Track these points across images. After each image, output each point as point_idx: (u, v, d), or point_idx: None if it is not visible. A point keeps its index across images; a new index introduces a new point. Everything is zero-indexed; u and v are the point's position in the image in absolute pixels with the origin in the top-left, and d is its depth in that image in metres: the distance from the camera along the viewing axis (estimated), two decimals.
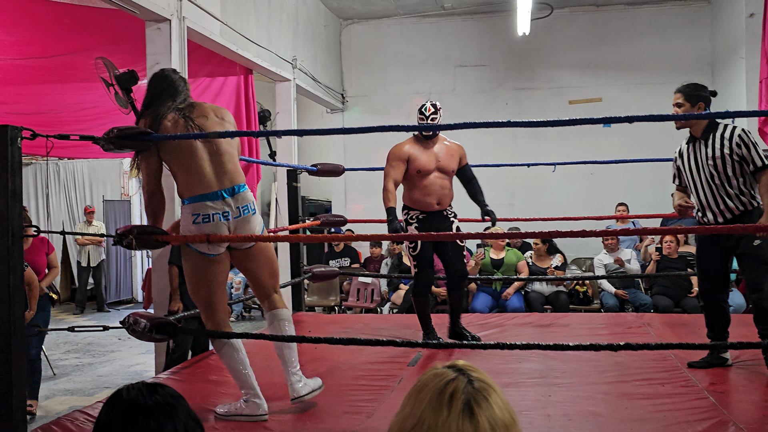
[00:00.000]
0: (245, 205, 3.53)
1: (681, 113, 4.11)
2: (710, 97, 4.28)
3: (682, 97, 4.25)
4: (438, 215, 5.13)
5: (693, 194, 4.28)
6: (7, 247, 3.30)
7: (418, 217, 5.10)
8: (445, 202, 5.17)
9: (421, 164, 5.03)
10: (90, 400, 6.23)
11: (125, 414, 1.51)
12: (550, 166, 6.97)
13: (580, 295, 8.22)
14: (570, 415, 3.55)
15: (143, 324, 3.55)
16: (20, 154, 3.39)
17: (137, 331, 3.58)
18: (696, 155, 4.22)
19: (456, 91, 10.94)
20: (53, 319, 11.03)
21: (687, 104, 4.22)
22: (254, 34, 7.50)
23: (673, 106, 4.29)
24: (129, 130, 3.50)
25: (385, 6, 10.51)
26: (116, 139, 3.47)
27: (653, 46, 10.34)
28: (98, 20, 6.13)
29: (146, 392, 1.54)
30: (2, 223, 3.31)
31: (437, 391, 1.28)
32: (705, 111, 4.15)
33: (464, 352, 4.78)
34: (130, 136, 3.48)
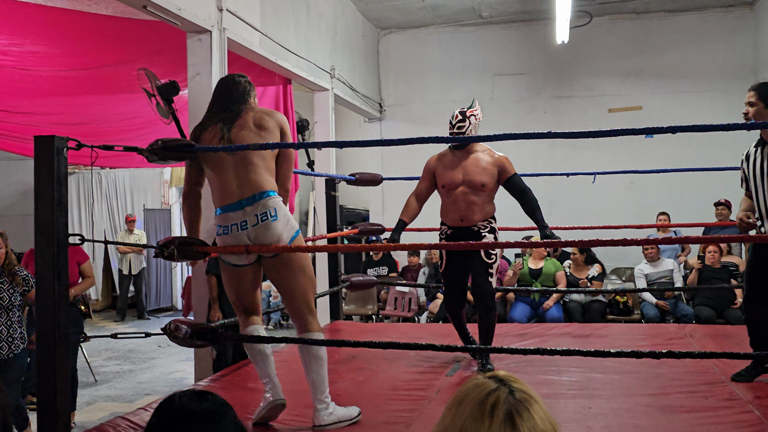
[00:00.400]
0: (264, 212, 3.43)
1: (753, 111, 4.02)
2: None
3: (755, 96, 4.06)
4: (465, 231, 4.79)
5: (755, 201, 4.12)
6: (53, 255, 3.36)
7: (446, 233, 4.90)
8: (472, 218, 4.78)
9: (445, 179, 4.84)
10: (131, 406, 6.29)
11: (175, 420, 1.56)
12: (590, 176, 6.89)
13: (620, 305, 8.13)
14: (611, 427, 3.51)
15: (184, 330, 3.61)
16: (66, 164, 3.45)
17: (178, 338, 3.63)
18: (763, 160, 4.05)
19: (494, 99, 10.90)
20: (94, 326, 11.20)
21: (760, 104, 4.03)
22: (293, 44, 7.56)
23: (745, 104, 4.11)
24: (172, 142, 3.56)
25: (423, 15, 10.53)
26: (160, 150, 3.53)
27: (694, 54, 10.20)
28: (141, 32, 6.22)
29: (196, 399, 1.58)
30: (48, 231, 3.37)
31: (478, 401, 1.27)
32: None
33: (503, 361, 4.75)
34: (173, 148, 3.54)
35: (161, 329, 3.73)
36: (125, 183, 13.45)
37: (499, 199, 5.03)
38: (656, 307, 7.89)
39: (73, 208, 13.15)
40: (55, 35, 6.20)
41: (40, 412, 3.40)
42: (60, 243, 3.38)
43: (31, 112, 7.11)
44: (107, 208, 13.44)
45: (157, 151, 3.53)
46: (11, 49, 6.20)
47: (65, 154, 3.42)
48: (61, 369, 3.38)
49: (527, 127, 10.52)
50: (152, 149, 3.54)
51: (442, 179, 4.86)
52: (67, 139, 3.43)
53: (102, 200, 13.44)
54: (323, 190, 6.84)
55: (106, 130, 7.65)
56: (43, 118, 7.23)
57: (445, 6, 10.06)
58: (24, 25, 5.92)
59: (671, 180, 9.41)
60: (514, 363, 4.71)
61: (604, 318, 7.99)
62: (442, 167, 4.90)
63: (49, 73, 6.67)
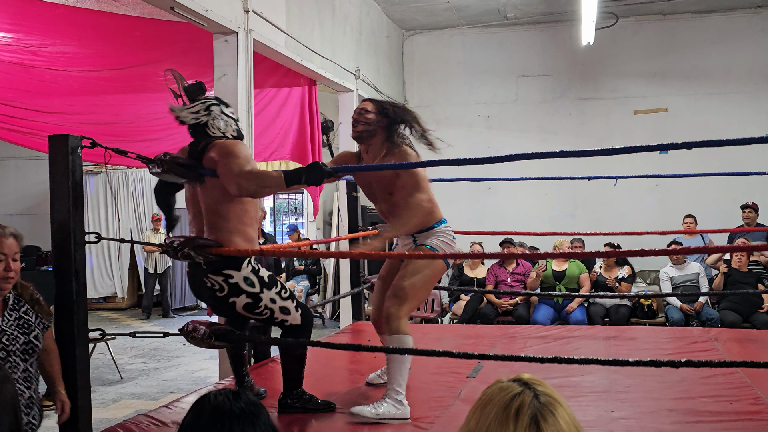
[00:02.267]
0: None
1: None
2: None
3: None
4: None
5: None
6: (69, 254, 3.38)
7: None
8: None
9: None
10: (156, 404, 6.34)
11: (212, 418, 1.57)
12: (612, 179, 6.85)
13: (645, 308, 8.08)
14: (633, 431, 3.49)
15: (202, 331, 3.61)
16: (81, 162, 3.46)
17: (196, 338, 3.64)
18: None
19: (518, 101, 10.88)
20: (120, 324, 11.32)
21: None
22: (318, 45, 7.60)
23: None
24: (179, 159, 3.62)
25: (448, 17, 10.52)
26: (167, 164, 3.57)
27: (722, 55, 10.11)
28: (168, 33, 6.27)
29: (232, 399, 1.60)
30: (64, 230, 3.39)
31: (503, 405, 1.28)
32: None
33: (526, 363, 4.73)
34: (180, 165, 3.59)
35: (179, 330, 3.75)
36: (151, 183, 13.56)
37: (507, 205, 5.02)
38: (680, 310, 7.83)
39: (100, 207, 13.29)
40: (84, 36, 6.27)
41: None
42: (77, 242, 3.40)
43: (61, 112, 7.18)
44: (133, 208, 13.57)
45: (163, 164, 3.57)
46: (41, 50, 6.28)
47: (80, 153, 3.44)
48: (82, 367, 3.40)
49: (552, 128, 10.51)
50: (160, 161, 3.58)
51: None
52: (81, 137, 3.45)
53: (128, 200, 13.56)
54: (345, 192, 6.87)
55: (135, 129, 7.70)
56: (72, 118, 7.30)
57: (469, 7, 10.05)
58: (54, 26, 6.00)
59: (696, 182, 9.31)
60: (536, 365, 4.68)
61: (628, 321, 7.94)
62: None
63: (78, 74, 6.75)
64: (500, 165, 9.07)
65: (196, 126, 3.71)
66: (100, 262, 13.22)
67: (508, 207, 10.37)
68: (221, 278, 3.52)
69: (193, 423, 1.59)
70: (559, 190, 10.18)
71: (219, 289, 3.55)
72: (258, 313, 3.60)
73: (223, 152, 3.51)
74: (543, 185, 10.11)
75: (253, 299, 3.56)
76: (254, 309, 3.59)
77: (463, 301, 8.73)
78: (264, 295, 3.58)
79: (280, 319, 3.67)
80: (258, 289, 3.57)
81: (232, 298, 3.55)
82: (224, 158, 3.47)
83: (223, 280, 3.52)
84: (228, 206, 3.56)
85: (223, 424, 1.56)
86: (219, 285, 3.53)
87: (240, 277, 3.53)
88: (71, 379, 3.37)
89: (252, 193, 3.44)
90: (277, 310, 3.63)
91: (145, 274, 12.53)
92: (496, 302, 8.48)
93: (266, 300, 3.58)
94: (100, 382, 7.29)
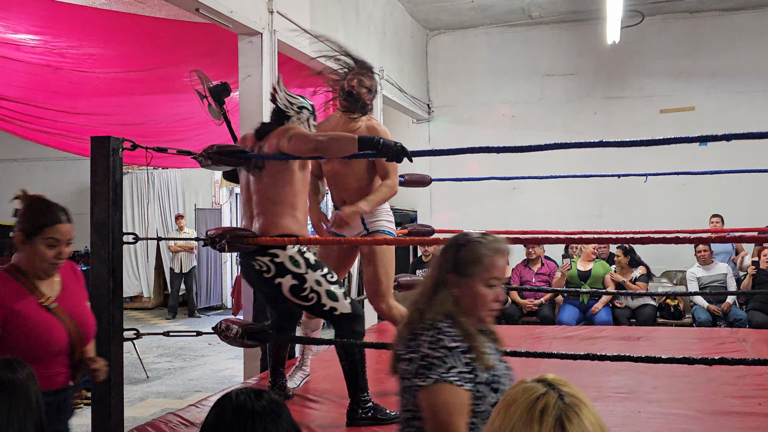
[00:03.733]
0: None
1: None
2: None
3: None
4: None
5: None
6: (108, 253, 3.44)
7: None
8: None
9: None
10: (182, 403, 6.40)
11: (234, 416, 1.58)
12: (640, 177, 6.79)
13: (671, 308, 8.00)
14: None
15: (235, 330, 3.62)
16: (121, 164, 3.53)
17: (229, 337, 3.65)
18: None
19: (543, 100, 10.81)
20: (147, 324, 11.41)
21: None
22: None
23: None
24: (227, 147, 3.65)
25: (472, 16, 10.49)
26: (215, 155, 3.60)
27: (750, 53, 9.98)
28: (193, 34, 6.32)
29: (254, 397, 1.62)
30: (104, 230, 3.45)
31: (528, 406, 1.27)
32: None
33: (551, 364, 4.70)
34: (227, 154, 3.61)
35: (212, 328, 3.78)
36: (177, 183, 13.69)
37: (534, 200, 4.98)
38: (707, 311, 7.75)
39: (127, 208, 13.42)
40: (111, 38, 6.33)
41: (94, 407, 3.47)
42: (115, 241, 3.46)
43: (88, 113, 7.27)
44: (159, 208, 13.69)
45: (212, 155, 3.60)
46: (69, 52, 6.35)
47: (120, 154, 3.50)
48: (116, 365, 3.45)
49: (577, 128, 10.43)
50: (207, 154, 3.61)
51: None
52: (122, 140, 3.51)
53: (154, 200, 13.70)
54: None
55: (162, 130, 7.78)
56: (100, 119, 7.39)
57: (494, 6, 10.01)
58: (81, 29, 6.06)
59: (725, 181, 9.22)
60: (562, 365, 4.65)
61: (654, 322, 7.88)
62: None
63: (105, 75, 6.82)
64: (525, 165, 9.07)
65: (279, 112, 3.74)
66: (126, 262, 13.33)
67: (533, 207, 10.31)
68: (267, 258, 3.54)
69: (216, 422, 1.61)
70: (585, 189, 10.10)
71: (266, 270, 3.56)
72: (304, 297, 3.57)
73: (284, 129, 3.61)
74: (568, 185, 10.04)
75: (299, 280, 3.55)
76: (300, 292, 3.56)
77: None
78: (309, 276, 3.55)
79: (329, 306, 3.60)
80: (303, 270, 3.56)
81: (278, 279, 3.55)
82: (287, 132, 3.56)
83: (270, 260, 3.54)
84: (281, 190, 3.60)
85: (245, 423, 1.57)
86: (266, 266, 3.54)
87: (286, 256, 3.54)
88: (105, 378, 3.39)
89: (326, 145, 3.41)
90: (324, 295, 3.58)
91: (171, 273, 12.63)
92: (520, 302, 8.45)
93: (311, 281, 3.55)
94: (127, 380, 7.27)
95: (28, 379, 1.87)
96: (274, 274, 3.55)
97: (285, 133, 3.55)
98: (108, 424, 3.41)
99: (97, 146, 3.48)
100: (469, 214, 10.31)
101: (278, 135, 3.59)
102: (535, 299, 8.43)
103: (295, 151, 3.48)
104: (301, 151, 3.49)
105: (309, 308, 3.67)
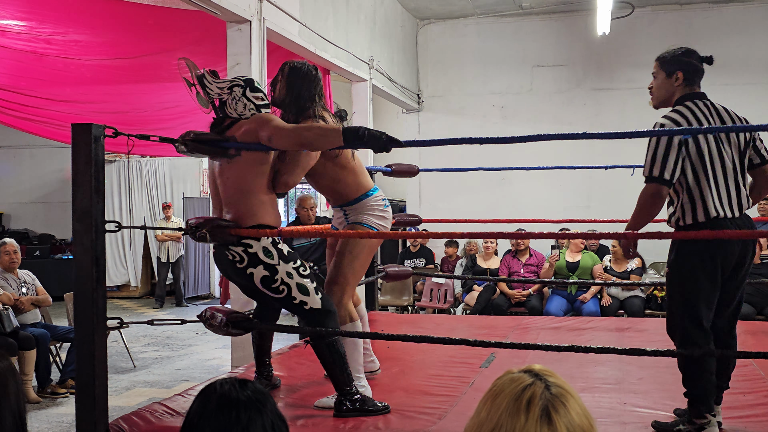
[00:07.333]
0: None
1: (655, 84, 3.66)
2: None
3: (656, 66, 3.70)
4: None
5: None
6: (91, 241, 3.40)
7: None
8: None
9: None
10: (168, 392, 6.40)
11: (218, 406, 1.58)
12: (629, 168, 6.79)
13: (659, 299, 8.04)
14: (646, 423, 3.47)
15: (220, 318, 3.59)
16: (103, 151, 3.48)
17: (214, 325, 3.62)
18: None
19: (533, 91, 10.82)
20: (134, 313, 11.39)
21: (662, 73, 3.63)
22: (332, 35, 7.58)
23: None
24: (204, 135, 3.61)
25: (463, 6, 10.47)
26: (191, 143, 3.57)
27: (739, 46, 10.01)
28: (181, 22, 6.28)
29: (238, 387, 1.62)
30: (86, 218, 3.41)
31: (514, 396, 1.27)
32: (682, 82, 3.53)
33: (538, 354, 4.72)
34: (204, 141, 3.58)
35: (197, 316, 3.76)
36: (165, 171, 13.64)
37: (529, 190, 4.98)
38: None
39: (114, 196, 13.36)
40: (98, 25, 6.29)
41: (78, 396, 3.46)
42: (98, 229, 3.42)
43: (73, 101, 7.23)
44: (147, 196, 13.65)
45: (188, 142, 3.57)
46: (55, 38, 6.30)
47: (102, 141, 3.46)
48: (100, 354, 3.43)
49: (566, 118, 10.44)
50: (184, 140, 3.58)
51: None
52: (104, 126, 3.46)
53: (142, 188, 13.66)
54: None
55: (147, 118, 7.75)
56: (85, 107, 7.34)
57: None
58: (67, 15, 6.01)
59: None
60: (549, 356, 4.66)
61: (642, 313, 7.91)
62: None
63: (91, 62, 6.77)
64: (515, 155, 9.08)
65: (220, 104, 3.70)
66: (114, 251, 13.32)
67: (522, 198, 10.33)
68: (241, 248, 3.51)
69: (200, 411, 1.61)
70: (573, 180, 10.13)
71: (239, 260, 3.53)
72: (275, 289, 3.54)
73: (261, 119, 3.53)
74: (557, 176, 10.07)
75: (270, 272, 3.52)
76: (271, 283, 3.53)
77: (476, 292, 8.73)
78: (280, 268, 3.52)
79: (299, 300, 3.56)
80: (275, 261, 3.53)
81: (250, 269, 3.52)
82: (268, 123, 3.48)
83: (243, 250, 3.51)
84: (255, 180, 3.57)
85: (229, 412, 1.57)
86: (239, 256, 3.52)
87: (259, 246, 3.52)
88: (89, 366, 3.39)
89: (310, 141, 3.37)
90: (295, 288, 3.54)
91: (158, 263, 12.60)
92: (509, 293, 8.47)
93: (282, 273, 3.52)
94: (114, 370, 7.33)
95: (7, 371, 1.85)
96: (246, 264, 3.53)
97: (263, 125, 3.47)
98: (92, 413, 3.39)
99: (79, 133, 3.42)
100: (458, 204, 10.31)
101: (253, 123, 3.54)
102: (524, 290, 8.45)
103: (279, 147, 3.45)
104: (285, 147, 3.46)
105: (280, 301, 3.63)
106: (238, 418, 1.56)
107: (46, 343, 6.60)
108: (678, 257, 3.27)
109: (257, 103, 3.68)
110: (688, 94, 3.44)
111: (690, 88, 3.48)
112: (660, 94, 3.55)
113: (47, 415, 6.07)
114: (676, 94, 3.46)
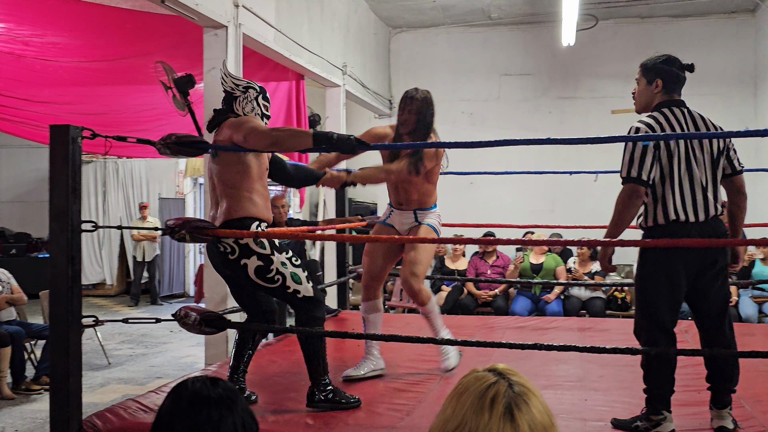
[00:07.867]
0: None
1: (637, 91, 3.78)
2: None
3: (639, 72, 3.82)
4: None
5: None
6: (67, 241, 3.45)
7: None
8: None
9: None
10: (142, 389, 6.46)
11: (189, 404, 1.61)
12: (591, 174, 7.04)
13: (619, 301, 8.28)
14: (605, 420, 3.56)
15: (194, 317, 3.64)
16: (81, 152, 3.52)
17: (188, 324, 3.66)
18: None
19: (501, 99, 11.05)
20: (109, 311, 11.42)
21: (643, 80, 3.74)
22: (307, 41, 7.72)
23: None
24: (186, 138, 3.69)
25: (434, 16, 10.67)
26: (173, 145, 3.66)
27: (697, 58, 9.94)
28: (159, 26, 6.34)
29: (210, 385, 1.64)
30: (63, 218, 3.46)
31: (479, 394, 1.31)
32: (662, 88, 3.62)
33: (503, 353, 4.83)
34: (186, 144, 3.70)
35: (171, 315, 3.78)
36: (141, 172, 13.67)
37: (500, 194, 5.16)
38: None
39: (90, 196, 13.39)
40: (76, 27, 6.33)
41: (52, 393, 3.50)
42: (74, 229, 3.47)
43: (51, 102, 7.26)
44: (123, 197, 13.67)
45: (170, 145, 3.64)
46: (33, 40, 6.34)
47: (80, 143, 3.50)
48: (74, 351, 3.48)
49: (532, 126, 10.68)
50: (165, 143, 3.65)
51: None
52: (81, 128, 3.49)
53: (118, 189, 13.68)
54: None
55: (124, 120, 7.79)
56: (62, 108, 7.37)
57: (455, 6, 10.20)
58: (46, 17, 6.05)
59: None
60: (513, 355, 4.72)
61: (601, 313, 8.13)
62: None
63: (69, 64, 6.82)
64: (483, 160, 9.28)
65: (228, 96, 3.84)
66: (90, 250, 13.33)
67: (490, 202, 10.52)
68: (231, 240, 3.58)
69: (172, 408, 1.62)
70: (539, 186, 10.34)
71: (231, 252, 3.60)
72: (270, 278, 3.60)
73: (238, 123, 3.67)
74: (523, 181, 10.28)
75: (265, 261, 3.58)
76: (266, 273, 3.59)
77: (444, 292, 8.91)
78: (275, 258, 3.60)
79: (293, 288, 3.64)
80: (269, 251, 3.60)
81: (244, 260, 3.58)
82: (244, 124, 3.62)
83: (234, 241, 3.58)
84: (236, 177, 3.69)
85: (200, 410, 1.58)
86: (230, 247, 3.59)
87: (249, 238, 3.61)
88: (63, 363, 3.44)
89: (282, 140, 3.49)
90: (289, 277, 3.62)
91: (134, 262, 12.63)
92: (476, 293, 8.69)
93: (277, 263, 3.60)
94: (88, 367, 7.37)
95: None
96: (238, 255, 3.60)
97: (239, 128, 3.61)
98: (66, 409, 3.43)
99: (57, 134, 3.48)
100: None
101: (231, 127, 3.67)
102: (490, 290, 8.67)
103: (253, 146, 3.58)
104: (258, 147, 3.58)
105: (272, 290, 3.69)
106: (209, 416, 1.57)
107: (21, 340, 6.62)
108: (641, 261, 3.41)
109: (264, 111, 3.88)
110: (666, 101, 3.56)
111: (669, 95, 3.60)
112: (641, 99, 3.68)
113: (21, 411, 6.09)
114: (655, 101, 3.57)
